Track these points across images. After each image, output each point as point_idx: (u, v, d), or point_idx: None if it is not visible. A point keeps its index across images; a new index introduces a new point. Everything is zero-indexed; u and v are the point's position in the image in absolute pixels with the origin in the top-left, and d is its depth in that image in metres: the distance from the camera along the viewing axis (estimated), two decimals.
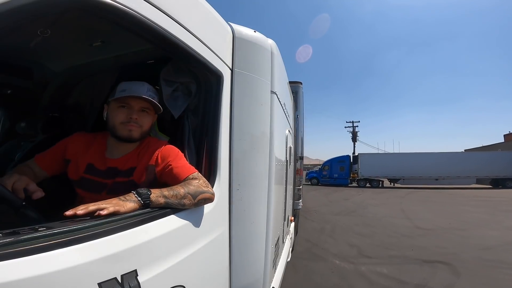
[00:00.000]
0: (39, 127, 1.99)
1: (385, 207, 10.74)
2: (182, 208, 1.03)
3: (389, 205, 11.44)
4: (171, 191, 0.99)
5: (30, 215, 0.88)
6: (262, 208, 1.55)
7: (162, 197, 0.95)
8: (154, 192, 0.94)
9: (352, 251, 5.02)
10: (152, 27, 0.90)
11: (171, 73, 1.42)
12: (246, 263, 1.47)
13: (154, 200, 0.93)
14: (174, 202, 0.98)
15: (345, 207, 10.71)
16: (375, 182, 22.52)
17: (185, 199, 1.01)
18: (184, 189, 1.02)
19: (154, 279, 0.84)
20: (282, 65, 2.17)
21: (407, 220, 7.99)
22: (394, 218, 8.41)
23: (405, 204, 11.68)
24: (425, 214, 8.89)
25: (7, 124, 2.23)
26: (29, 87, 1.94)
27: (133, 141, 1.17)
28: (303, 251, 4.93)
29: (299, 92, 4.66)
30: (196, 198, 1.04)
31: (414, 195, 15.54)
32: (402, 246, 5.30)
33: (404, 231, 6.58)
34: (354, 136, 31.33)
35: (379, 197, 14.58)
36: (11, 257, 0.56)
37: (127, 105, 1.14)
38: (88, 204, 0.81)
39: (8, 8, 0.58)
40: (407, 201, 12.55)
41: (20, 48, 1.47)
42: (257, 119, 1.56)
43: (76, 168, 1.18)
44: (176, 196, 0.99)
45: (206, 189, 1.10)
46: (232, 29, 1.51)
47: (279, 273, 2.15)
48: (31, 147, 1.92)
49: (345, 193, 16.66)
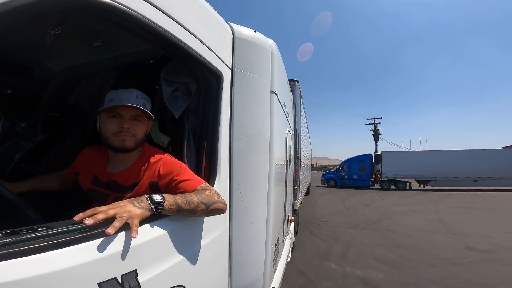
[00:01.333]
0: (39, 127, 1.99)
1: (417, 217, 8.18)
2: (193, 215, 1.02)
3: (422, 213, 8.85)
4: (184, 199, 0.97)
5: (30, 215, 0.88)
6: (262, 208, 1.55)
7: (175, 205, 0.93)
8: (168, 199, 0.92)
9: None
10: (152, 27, 0.90)
11: (171, 73, 1.41)
12: (246, 263, 1.47)
13: (167, 208, 0.91)
14: (186, 210, 0.97)
15: (365, 217, 8.24)
16: (401, 183, 19.56)
17: (198, 208, 0.99)
18: (197, 198, 1.00)
19: (154, 279, 0.84)
20: (282, 65, 2.17)
21: (451, 237, 5.62)
22: (432, 233, 6.06)
23: (442, 211, 9.08)
24: (473, 227, 6.56)
25: (7, 124, 2.24)
26: (29, 87, 1.94)
27: (128, 151, 1.12)
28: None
29: (296, 90, 4.66)
30: (209, 208, 1.03)
31: (451, 199, 12.70)
32: (453, 286, 3.29)
33: (451, 255, 4.40)
34: (376, 134, 28.18)
35: (408, 202, 11.93)
36: (11, 257, 0.57)
37: (118, 115, 1.08)
38: (96, 209, 0.78)
39: (8, 8, 0.58)
40: (444, 208, 9.94)
41: (20, 48, 1.47)
42: (257, 119, 1.56)
43: (84, 180, 1.22)
44: (190, 204, 0.97)
45: (218, 199, 1.08)
46: (232, 29, 1.51)
47: (279, 273, 2.16)
48: (31, 147, 1.92)
49: (366, 197, 13.81)
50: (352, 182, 21.10)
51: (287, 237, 3.15)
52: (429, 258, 4.29)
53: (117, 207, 0.81)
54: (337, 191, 17.97)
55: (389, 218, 8.09)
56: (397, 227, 6.80)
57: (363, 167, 20.98)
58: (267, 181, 1.58)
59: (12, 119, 2.19)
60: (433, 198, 13.33)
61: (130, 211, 0.81)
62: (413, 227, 6.76)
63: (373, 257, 4.42)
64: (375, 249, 4.90)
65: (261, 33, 1.66)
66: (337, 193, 16.46)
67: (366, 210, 9.61)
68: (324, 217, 8.19)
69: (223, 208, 1.10)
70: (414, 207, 10.40)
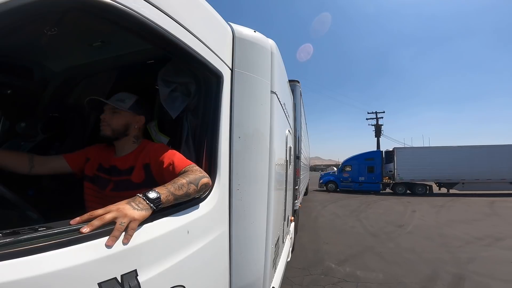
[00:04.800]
0: (39, 127, 1.99)
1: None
2: (188, 198, 1.04)
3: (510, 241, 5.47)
4: (175, 185, 0.98)
5: (30, 216, 0.88)
6: (262, 208, 1.55)
7: (170, 194, 0.94)
8: (161, 192, 0.92)
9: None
10: (152, 27, 0.90)
11: (169, 73, 1.42)
12: (246, 263, 1.47)
13: (165, 201, 0.92)
14: (181, 195, 0.99)
15: (420, 258, 4.55)
16: (420, 187, 15.72)
17: (190, 189, 1.02)
18: (185, 179, 1.03)
19: (154, 279, 0.84)
20: (282, 65, 2.17)
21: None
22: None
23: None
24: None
25: (7, 124, 2.23)
26: (29, 87, 1.94)
27: (106, 137, 1.30)
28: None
29: (296, 90, 4.65)
30: (198, 185, 1.06)
31: (507, 206, 9.93)
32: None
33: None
34: (378, 130, 24.67)
35: (456, 216, 8.37)
36: (11, 257, 0.57)
37: (103, 111, 1.33)
38: (93, 213, 0.77)
39: (8, 8, 0.58)
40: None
41: (20, 48, 1.47)
42: (257, 119, 1.56)
43: (92, 166, 1.38)
44: (181, 188, 0.99)
45: (202, 175, 1.13)
46: (232, 29, 1.51)
47: (279, 273, 2.15)
48: (31, 147, 1.92)
49: (385, 209, 10.22)
50: (358, 185, 17.27)
51: (287, 237, 3.15)
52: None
53: (115, 210, 0.79)
54: (342, 197, 14.28)
55: (471, 259, 4.44)
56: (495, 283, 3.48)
57: (372, 167, 17.06)
58: (267, 181, 1.58)
59: (12, 119, 2.19)
60: (481, 207, 10.10)
61: (129, 214, 0.79)
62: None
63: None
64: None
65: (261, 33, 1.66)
66: (342, 200, 12.79)
67: (408, 239, 5.72)
68: (341, 260, 4.37)
69: (209, 182, 1.15)
70: (481, 227, 6.73)
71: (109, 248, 0.73)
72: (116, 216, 0.77)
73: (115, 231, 0.75)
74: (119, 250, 0.76)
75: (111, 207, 0.80)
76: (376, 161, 17.17)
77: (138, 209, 0.83)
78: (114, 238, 0.74)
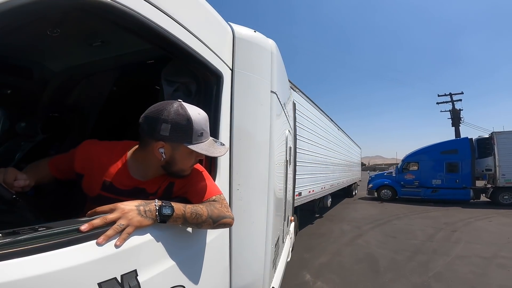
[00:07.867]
0: (39, 127, 1.99)
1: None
2: (196, 228, 1.02)
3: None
4: (194, 213, 0.94)
5: (22, 210, 0.87)
6: (262, 208, 1.55)
7: (182, 218, 0.91)
8: (176, 212, 0.89)
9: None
10: (152, 27, 0.90)
11: (171, 73, 1.42)
12: (246, 263, 1.47)
13: (172, 221, 0.89)
14: (192, 224, 0.95)
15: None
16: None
17: (204, 223, 0.97)
18: (207, 212, 0.98)
19: (154, 279, 0.84)
20: (282, 65, 2.17)
21: None
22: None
23: None
24: None
25: (7, 124, 2.23)
26: (29, 87, 1.94)
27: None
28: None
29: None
30: (216, 223, 1.01)
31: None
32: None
33: None
34: (456, 116, 18.14)
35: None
36: (11, 257, 0.57)
37: None
38: (95, 210, 0.78)
39: (8, 8, 0.58)
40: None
41: (20, 48, 1.47)
42: (257, 119, 1.56)
43: (91, 184, 1.07)
44: (197, 218, 0.95)
45: (228, 214, 1.06)
46: (232, 29, 1.51)
47: (279, 273, 2.15)
48: (31, 147, 1.92)
49: (493, 238, 5.54)
50: (430, 192, 11.50)
51: (287, 237, 3.15)
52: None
53: (120, 211, 0.78)
54: (399, 213, 8.67)
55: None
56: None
57: (454, 163, 11.11)
58: (267, 181, 1.58)
59: (12, 119, 2.19)
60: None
61: (131, 219, 0.79)
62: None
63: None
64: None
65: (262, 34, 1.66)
66: (400, 219, 7.35)
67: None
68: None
69: (231, 223, 1.08)
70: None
71: (99, 246, 0.72)
72: (119, 217, 0.78)
73: (110, 230, 0.74)
74: (119, 250, 0.76)
75: (118, 205, 0.80)
76: (462, 154, 10.99)
77: (144, 217, 0.82)
78: (106, 237, 0.73)
